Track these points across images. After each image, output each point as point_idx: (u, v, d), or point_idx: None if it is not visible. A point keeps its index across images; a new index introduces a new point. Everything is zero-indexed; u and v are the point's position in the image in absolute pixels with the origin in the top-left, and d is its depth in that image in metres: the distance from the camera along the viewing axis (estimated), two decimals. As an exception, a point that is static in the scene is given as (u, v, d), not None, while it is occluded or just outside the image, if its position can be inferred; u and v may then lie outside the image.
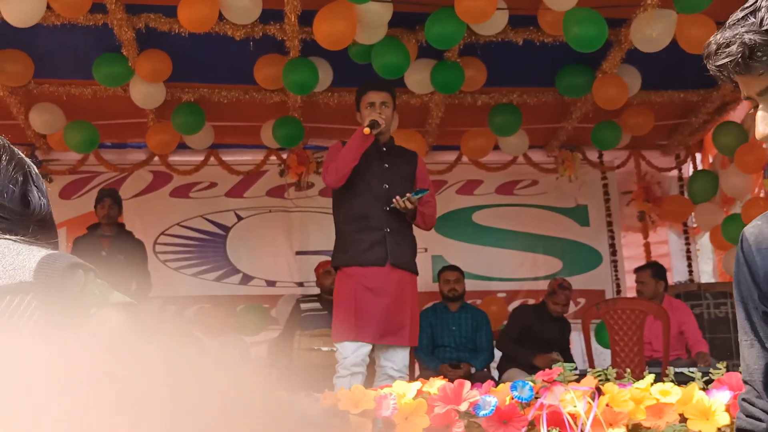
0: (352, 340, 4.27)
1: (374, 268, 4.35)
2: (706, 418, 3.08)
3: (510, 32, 5.50)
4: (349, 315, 4.29)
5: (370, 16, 4.99)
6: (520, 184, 7.68)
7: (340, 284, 4.46)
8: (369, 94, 4.53)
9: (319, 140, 7.20)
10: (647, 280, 6.15)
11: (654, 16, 5.03)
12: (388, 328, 4.32)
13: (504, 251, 7.59)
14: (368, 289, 4.32)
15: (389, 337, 4.33)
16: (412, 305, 4.48)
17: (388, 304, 4.33)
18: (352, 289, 4.34)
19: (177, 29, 5.25)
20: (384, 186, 4.46)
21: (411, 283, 4.48)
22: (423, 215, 4.51)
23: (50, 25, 5.23)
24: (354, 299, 4.31)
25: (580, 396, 3.09)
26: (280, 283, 7.29)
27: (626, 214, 7.83)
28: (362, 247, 4.37)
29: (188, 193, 7.33)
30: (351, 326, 4.27)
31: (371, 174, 4.46)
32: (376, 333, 4.29)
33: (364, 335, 4.27)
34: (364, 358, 4.30)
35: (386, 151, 4.57)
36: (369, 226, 4.40)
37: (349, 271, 4.40)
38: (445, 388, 3.15)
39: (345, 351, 4.29)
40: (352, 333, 4.27)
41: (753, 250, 1.49)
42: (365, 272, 4.35)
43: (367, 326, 4.27)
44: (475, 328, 6.13)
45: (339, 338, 4.36)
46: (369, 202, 4.43)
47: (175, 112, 6.32)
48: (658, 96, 6.50)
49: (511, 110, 6.51)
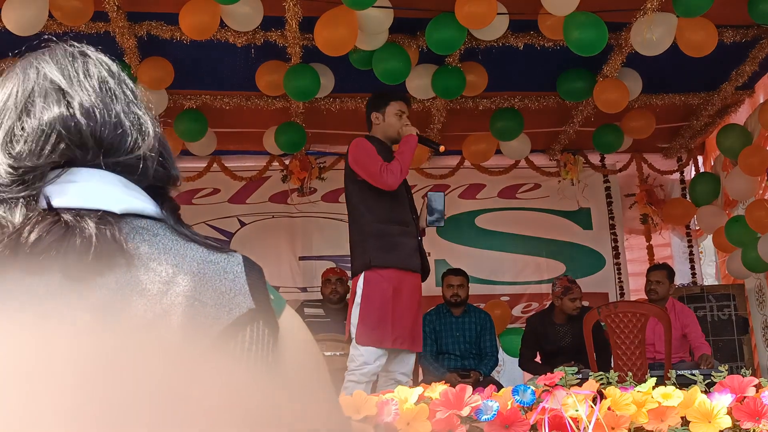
0: (380, 347, 4.24)
1: (411, 275, 4.41)
2: (708, 421, 3.09)
3: (510, 37, 5.51)
4: (384, 321, 4.24)
5: (371, 22, 5.00)
6: (523, 187, 7.68)
7: (373, 286, 4.33)
8: (402, 104, 4.66)
9: (321, 146, 7.22)
10: (663, 279, 6.13)
11: (654, 19, 5.04)
12: (413, 336, 4.38)
13: (507, 255, 7.59)
14: (404, 294, 4.33)
15: (408, 344, 4.35)
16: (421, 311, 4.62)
17: (416, 311, 4.41)
18: (388, 293, 4.29)
19: (179, 37, 5.28)
20: (409, 196, 4.61)
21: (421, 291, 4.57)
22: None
23: (52, 33, 5.25)
24: (390, 304, 4.27)
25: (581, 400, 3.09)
26: (284, 288, 7.30)
27: (629, 217, 7.83)
28: (406, 252, 4.40)
29: (191, 200, 7.34)
30: (386, 333, 4.23)
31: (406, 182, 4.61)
32: (406, 340, 4.31)
33: (393, 342, 4.25)
34: (379, 369, 4.29)
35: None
36: (409, 233, 4.47)
37: (386, 273, 4.32)
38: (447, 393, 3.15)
39: (368, 356, 4.22)
40: (386, 340, 4.23)
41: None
42: (403, 277, 4.35)
43: (401, 334, 4.29)
44: (479, 332, 6.10)
45: (366, 342, 4.25)
46: (406, 209, 4.53)
47: (177, 119, 6.33)
48: (659, 99, 6.50)
49: (512, 114, 6.52)
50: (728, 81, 6.26)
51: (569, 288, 6.05)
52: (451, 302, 6.11)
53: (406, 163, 4.43)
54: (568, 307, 6.03)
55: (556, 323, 6.14)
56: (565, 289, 6.05)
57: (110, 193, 0.93)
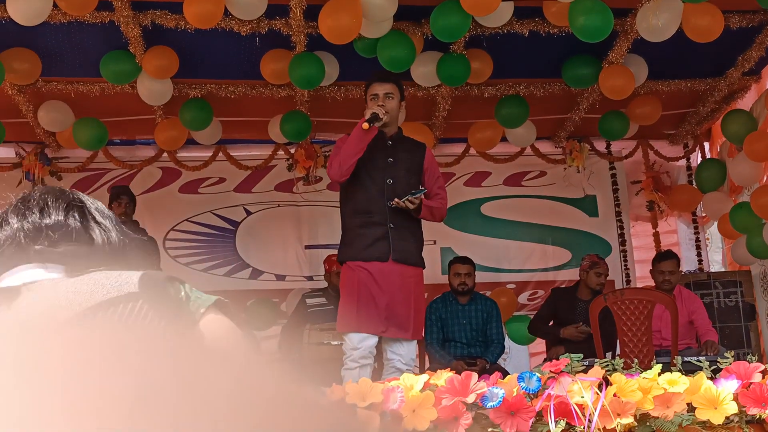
0: (356, 331, 4.30)
1: (377, 264, 4.34)
2: (714, 407, 3.09)
3: (516, 24, 5.49)
4: (352, 307, 4.30)
5: (376, 9, 4.99)
6: (528, 175, 7.67)
7: (344, 277, 4.47)
8: (373, 86, 4.50)
9: (326, 134, 7.21)
10: (675, 269, 6.11)
11: (660, 5, 5.02)
12: (391, 322, 4.32)
13: (513, 242, 7.59)
14: (371, 283, 4.32)
15: (393, 330, 4.33)
16: (417, 299, 4.46)
17: (391, 298, 4.32)
18: (355, 282, 4.35)
19: (183, 25, 5.27)
20: (388, 181, 4.43)
21: (415, 277, 4.47)
22: (431, 209, 4.48)
23: (57, 23, 5.26)
24: (357, 292, 4.32)
25: (587, 386, 3.10)
26: (290, 277, 7.32)
27: (635, 204, 7.81)
28: (366, 242, 4.37)
29: (197, 189, 7.35)
30: (353, 318, 4.29)
31: (375, 168, 4.43)
32: (379, 326, 4.30)
33: (367, 327, 4.28)
34: (371, 350, 4.32)
35: (392, 145, 4.52)
36: (373, 222, 4.38)
37: (352, 265, 4.40)
38: (453, 380, 3.16)
39: (351, 341, 4.31)
40: (355, 324, 4.30)
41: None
42: (368, 267, 4.35)
43: (369, 319, 4.27)
44: (486, 319, 6.10)
45: (344, 329, 4.38)
46: (373, 197, 4.41)
47: (182, 108, 6.34)
48: (665, 85, 6.48)
49: (518, 102, 6.50)
50: (735, 67, 6.23)
51: (596, 263, 6.24)
52: (458, 291, 6.10)
53: (345, 154, 4.35)
54: (592, 281, 6.19)
55: (580, 298, 6.23)
56: (592, 264, 6.24)
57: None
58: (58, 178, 7.10)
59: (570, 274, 7.37)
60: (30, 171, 6.96)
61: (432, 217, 4.56)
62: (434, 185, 4.59)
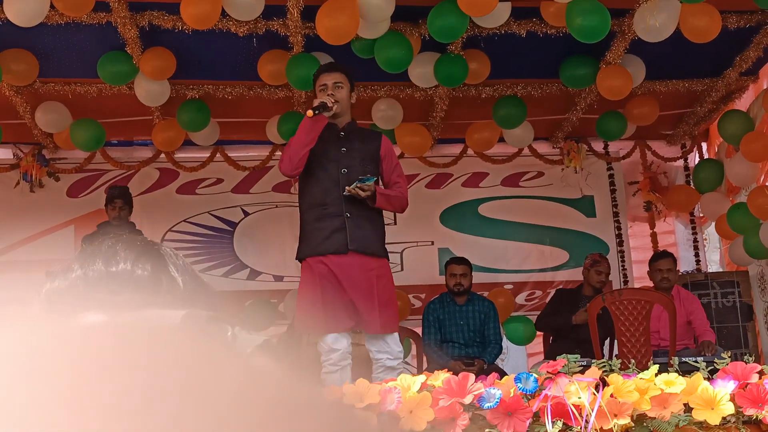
0: (325, 332, 4.18)
1: (336, 257, 4.24)
2: (711, 407, 3.09)
3: (513, 24, 5.49)
4: (316, 305, 4.18)
5: (373, 10, 4.99)
6: (526, 175, 7.67)
7: (304, 275, 4.35)
8: (321, 77, 4.44)
9: (324, 135, 7.20)
10: (672, 267, 6.12)
11: (657, 5, 5.02)
12: (357, 317, 4.22)
13: (510, 243, 7.58)
14: (331, 278, 4.22)
15: (360, 326, 4.26)
16: (382, 292, 4.32)
17: (353, 292, 4.22)
18: (317, 278, 4.24)
19: (180, 26, 5.27)
20: (342, 170, 4.34)
21: (378, 269, 4.34)
22: (389, 198, 4.38)
23: (54, 24, 5.25)
24: (320, 289, 4.21)
25: (584, 387, 3.10)
26: (288, 278, 7.30)
27: (633, 204, 7.81)
28: (322, 235, 4.27)
29: (195, 190, 7.35)
30: (320, 318, 4.16)
31: (328, 159, 4.36)
32: (348, 322, 4.20)
33: (336, 325, 4.17)
34: (347, 349, 4.22)
35: (345, 135, 4.44)
36: (328, 213, 4.29)
37: (311, 261, 4.29)
38: (450, 380, 3.16)
39: (325, 343, 4.19)
40: (323, 325, 4.17)
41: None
42: (327, 261, 4.24)
43: (336, 316, 4.16)
44: (483, 320, 6.10)
45: (312, 330, 4.32)
46: (327, 189, 4.32)
47: (180, 109, 6.34)
48: (663, 86, 6.49)
49: (515, 102, 6.50)
50: (732, 67, 6.23)
51: (597, 261, 6.30)
52: (455, 291, 6.10)
53: (294, 146, 4.28)
54: (593, 279, 6.25)
55: (584, 295, 6.25)
56: (593, 262, 6.30)
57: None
58: (56, 179, 7.10)
59: (568, 274, 7.38)
60: (27, 172, 6.95)
61: (390, 207, 4.48)
62: (392, 173, 4.51)
